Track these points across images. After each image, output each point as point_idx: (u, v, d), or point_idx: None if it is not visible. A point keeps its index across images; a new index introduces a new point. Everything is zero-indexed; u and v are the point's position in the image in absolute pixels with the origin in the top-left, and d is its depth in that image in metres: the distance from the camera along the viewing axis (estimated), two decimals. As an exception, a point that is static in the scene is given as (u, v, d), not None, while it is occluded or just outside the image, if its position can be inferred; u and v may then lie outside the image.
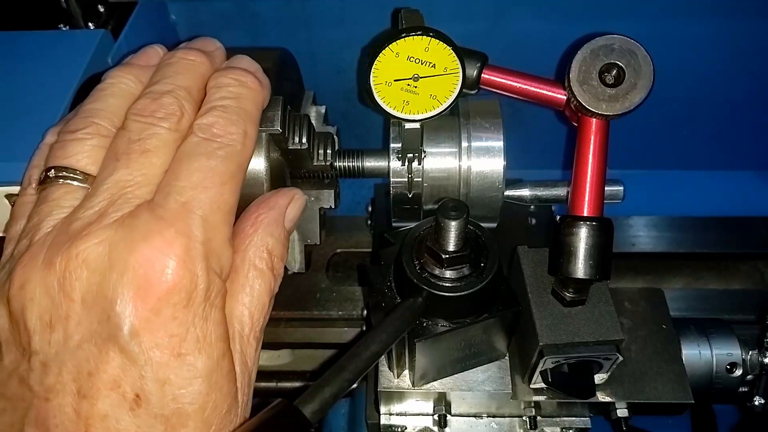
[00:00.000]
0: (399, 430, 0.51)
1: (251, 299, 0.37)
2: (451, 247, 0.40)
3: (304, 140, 0.47)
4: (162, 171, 0.35)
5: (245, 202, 0.40)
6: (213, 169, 0.35)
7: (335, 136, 0.51)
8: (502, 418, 0.51)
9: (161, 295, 0.31)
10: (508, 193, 0.50)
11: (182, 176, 0.34)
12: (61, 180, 0.35)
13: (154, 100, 0.37)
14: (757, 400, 0.52)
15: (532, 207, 0.65)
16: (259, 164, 0.44)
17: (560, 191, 0.50)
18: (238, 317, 0.36)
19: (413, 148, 0.48)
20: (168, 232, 0.32)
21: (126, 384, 0.31)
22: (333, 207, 0.52)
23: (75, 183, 0.36)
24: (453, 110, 0.49)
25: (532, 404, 0.49)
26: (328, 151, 0.50)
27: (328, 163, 0.50)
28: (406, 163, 0.49)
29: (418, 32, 0.44)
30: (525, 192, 0.50)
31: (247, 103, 0.39)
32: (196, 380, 0.32)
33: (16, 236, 0.36)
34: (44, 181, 0.36)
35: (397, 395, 0.49)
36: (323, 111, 0.56)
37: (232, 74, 0.39)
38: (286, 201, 0.41)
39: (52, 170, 0.36)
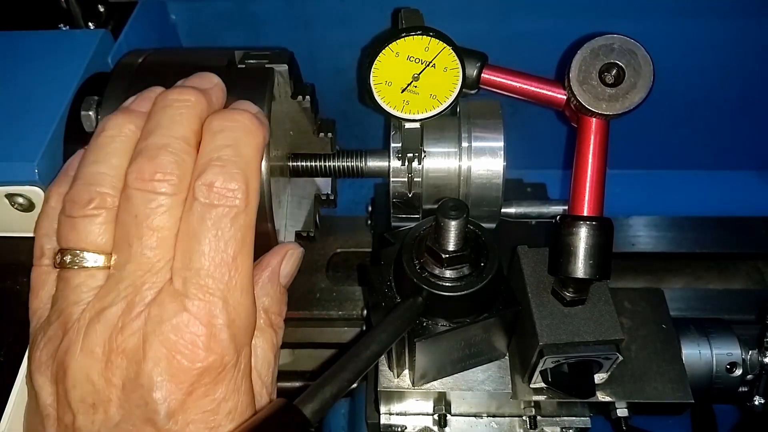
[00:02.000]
0: (399, 429, 0.51)
1: (256, 359, 0.39)
2: (451, 247, 0.40)
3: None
4: (173, 238, 0.36)
5: None
6: (222, 244, 0.35)
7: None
8: (502, 418, 0.51)
9: (193, 379, 0.34)
10: (506, 210, 0.50)
11: (194, 258, 0.35)
12: (77, 266, 0.37)
13: (150, 159, 0.36)
14: (757, 400, 0.52)
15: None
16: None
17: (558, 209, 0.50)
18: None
19: (413, 148, 0.48)
20: (193, 325, 0.34)
21: None
22: (332, 197, 0.52)
23: (92, 266, 0.37)
24: (453, 110, 0.49)
25: (532, 404, 0.49)
26: (329, 135, 0.50)
27: (328, 138, 0.50)
28: (406, 163, 0.49)
29: (418, 32, 0.44)
30: (522, 210, 0.51)
31: (246, 149, 0.37)
32: None
33: (37, 310, 0.39)
34: (62, 264, 0.37)
35: (397, 395, 0.49)
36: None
37: (229, 115, 0.38)
38: (278, 259, 0.42)
39: (68, 255, 0.37)
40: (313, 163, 0.53)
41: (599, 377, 0.47)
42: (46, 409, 0.36)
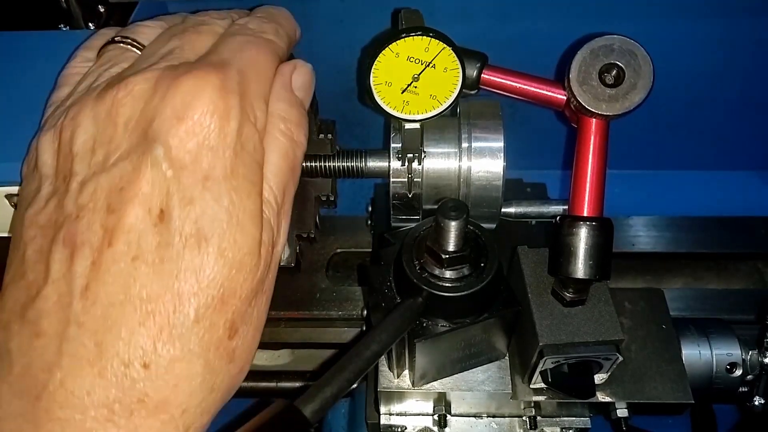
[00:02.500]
0: (399, 430, 0.51)
1: (268, 166, 0.37)
2: (451, 247, 0.40)
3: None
4: (214, 38, 0.40)
5: None
6: (249, 41, 0.39)
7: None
8: (502, 418, 0.51)
9: (196, 117, 0.33)
10: (506, 210, 0.50)
11: (221, 45, 0.38)
12: (123, 44, 0.40)
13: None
14: (757, 400, 0.52)
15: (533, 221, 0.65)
16: None
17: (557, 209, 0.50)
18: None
19: (413, 148, 0.48)
20: (207, 68, 0.35)
21: (153, 198, 0.32)
22: (331, 197, 0.52)
23: (134, 50, 0.40)
24: (453, 111, 0.49)
25: (532, 404, 0.49)
26: (329, 136, 0.51)
27: (328, 140, 0.50)
28: (406, 164, 0.49)
29: (418, 32, 0.44)
30: (522, 210, 0.51)
31: (279, 19, 0.43)
32: (217, 207, 0.33)
33: (58, 100, 0.40)
34: (107, 44, 0.40)
35: (397, 395, 0.49)
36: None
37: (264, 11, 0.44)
38: (289, 69, 0.41)
39: (119, 36, 0.40)
40: (313, 164, 0.53)
41: (599, 377, 0.47)
42: (44, 168, 0.36)
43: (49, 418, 0.31)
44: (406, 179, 0.50)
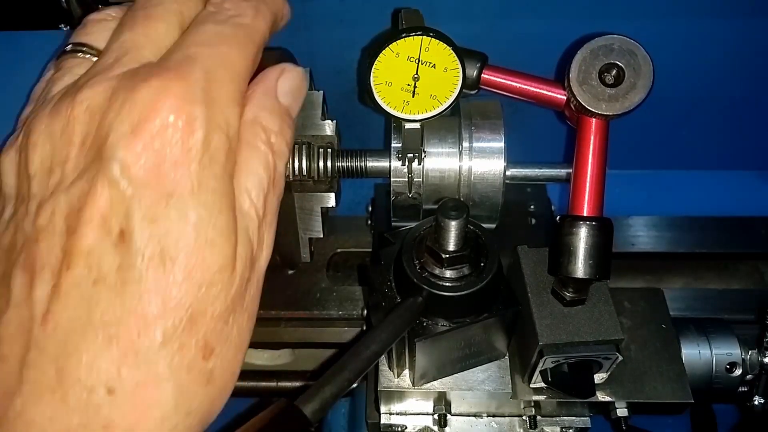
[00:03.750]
0: (399, 429, 0.51)
1: (247, 176, 0.35)
2: (451, 247, 0.41)
3: (303, 164, 0.48)
4: (168, 38, 0.35)
5: None
6: (221, 32, 0.35)
7: (335, 136, 0.51)
8: (502, 418, 0.51)
9: (155, 131, 0.31)
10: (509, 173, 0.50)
11: (188, 37, 0.35)
12: (78, 54, 0.37)
13: None
14: (757, 400, 0.52)
15: (532, 206, 0.65)
16: None
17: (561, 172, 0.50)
18: (238, 196, 0.35)
19: (413, 148, 0.48)
20: (167, 75, 0.32)
21: (112, 218, 0.30)
22: (334, 206, 0.53)
23: (89, 56, 0.37)
24: (453, 110, 0.49)
25: (532, 404, 0.49)
26: (328, 164, 0.50)
27: (328, 176, 0.50)
28: (407, 163, 0.49)
29: (418, 32, 0.44)
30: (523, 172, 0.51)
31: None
32: (183, 225, 0.31)
33: (24, 117, 0.38)
34: (60, 56, 0.38)
35: (397, 395, 0.49)
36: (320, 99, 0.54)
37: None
38: (275, 74, 0.39)
39: (70, 45, 0.38)
40: (314, 164, 0.53)
41: (599, 377, 0.47)
42: (6, 189, 0.35)
43: None
44: (406, 179, 0.50)
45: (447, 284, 0.41)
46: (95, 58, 0.37)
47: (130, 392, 0.30)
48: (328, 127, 0.51)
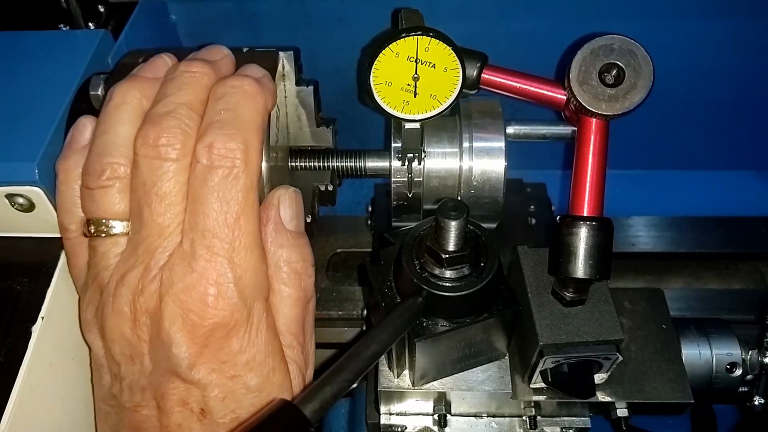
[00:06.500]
0: (399, 429, 0.51)
1: (284, 317, 0.41)
2: (451, 247, 0.40)
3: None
4: (181, 203, 0.38)
5: None
6: (225, 205, 0.37)
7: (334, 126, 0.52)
8: (502, 418, 0.51)
9: (206, 333, 0.37)
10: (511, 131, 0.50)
11: (199, 220, 0.37)
12: (103, 234, 0.40)
13: (155, 124, 0.38)
14: (757, 400, 0.52)
15: (532, 207, 0.65)
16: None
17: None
18: (280, 330, 0.41)
19: (413, 148, 0.48)
20: (201, 285, 0.37)
21: (192, 402, 0.38)
22: (330, 188, 0.52)
23: (115, 231, 0.40)
24: (454, 110, 0.49)
25: (532, 404, 0.49)
26: (331, 127, 0.51)
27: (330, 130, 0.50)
28: (407, 163, 0.49)
29: (418, 32, 0.44)
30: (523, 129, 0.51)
31: (246, 111, 0.39)
32: (249, 395, 0.38)
33: (79, 278, 0.42)
34: (88, 233, 0.40)
35: (397, 395, 0.49)
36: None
37: (230, 82, 0.40)
38: (274, 209, 0.42)
39: (92, 225, 0.40)
40: (314, 163, 0.53)
41: (599, 377, 0.47)
42: (99, 360, 0.40)
43: None
44: (406, 179, 0.50)
45: (447, 284, 0.41)
46: (122, 230, 0.40)
47: None
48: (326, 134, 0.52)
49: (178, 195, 0.38)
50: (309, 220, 0.53)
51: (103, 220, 0.39)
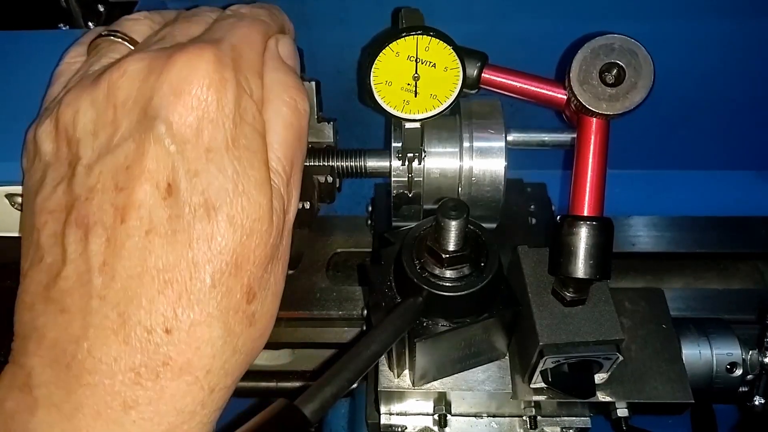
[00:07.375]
0: (399, 429, 0.51)
1: (274, 135, 0.38)
2: (451, 247, 0.40)
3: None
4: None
5: None
6: (241, 22, 0.40)
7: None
8: (502, 418, 0.51)
9: (193, 92, 0.34)
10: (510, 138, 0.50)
11: (214, 25, 0.40)
12: (113, 37, 0.40)
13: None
14: (757, 400, 0.52)
15: (532, 206, 0.65)
16: None
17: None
18: (270, 146, 0.38)
19: (413, 147, 0.48)
20: (200, 45, 0.36)
21: (159, 173, 0.34)
22: (330, 180, 0.52)
23: (126, 44, 0.40)
24: (454, 110, 0.49)
25: (532, 404, 0.49)
26: (331, 123, 0.52)
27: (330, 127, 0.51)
28: (407, 163, 0.49)
29: (419, 32, 0.44)
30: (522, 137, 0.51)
31: (272, 8, 0.44)
32: (222, 177, 0.34)
33: (53, 95, 0.40)
34: (96, 39, 0.41)
35: (397, 395, 0.49)
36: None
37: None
38: (273, 41, 0.42)
39: (106, 31, 0.41)
40: (314, 162, 0.53)
41: (599, 377, 0.47)
42: (45, 157, 0.37)
43: (79, 384, 0.32)
44: (406, 179, 0.50)
45: (447, 284, 0.41)
46: (128, 45, 0.41)
47: (185, 331, 0.33)
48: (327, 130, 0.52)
49: (206, 25, 0.41)
50: (308, 207, 0.53)
51: (121, 32, 0.41)
